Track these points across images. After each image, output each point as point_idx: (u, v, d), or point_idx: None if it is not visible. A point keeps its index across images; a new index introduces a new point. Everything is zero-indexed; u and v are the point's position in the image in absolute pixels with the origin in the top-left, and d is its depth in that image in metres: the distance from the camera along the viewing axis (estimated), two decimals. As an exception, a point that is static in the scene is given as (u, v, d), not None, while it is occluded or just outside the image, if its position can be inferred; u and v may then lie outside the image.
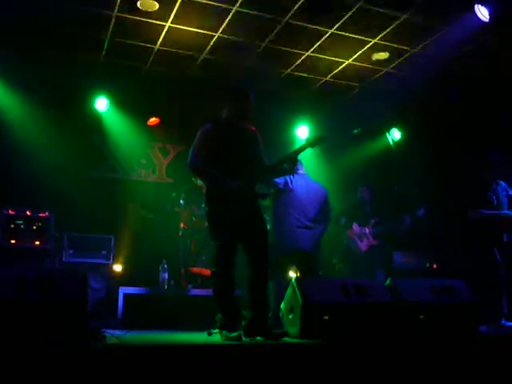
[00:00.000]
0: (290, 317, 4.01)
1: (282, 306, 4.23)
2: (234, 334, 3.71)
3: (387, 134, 8.02)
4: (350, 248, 6.46)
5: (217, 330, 4.01)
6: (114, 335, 3.74)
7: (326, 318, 3.80)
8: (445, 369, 3.46)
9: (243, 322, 3.99)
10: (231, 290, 4.03)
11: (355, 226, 6.56)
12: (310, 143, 4.16)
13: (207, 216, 4.17)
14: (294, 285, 4.02)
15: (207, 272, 6.00)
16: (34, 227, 5.86)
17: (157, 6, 5.63)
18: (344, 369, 3.14)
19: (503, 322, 4.94)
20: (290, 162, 4.23)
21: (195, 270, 6.44)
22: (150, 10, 5.69)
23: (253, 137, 4.31)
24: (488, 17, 5.38)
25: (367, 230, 6.50)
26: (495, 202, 5.32)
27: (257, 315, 3.97)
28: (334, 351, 3.32)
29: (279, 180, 5.33)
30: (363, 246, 6.47)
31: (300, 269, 5.45)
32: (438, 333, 3.95)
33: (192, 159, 4.09)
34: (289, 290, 4.14)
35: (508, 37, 5.98)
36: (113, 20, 5.85)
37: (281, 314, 4.25)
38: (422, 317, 3.98)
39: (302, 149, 4.19)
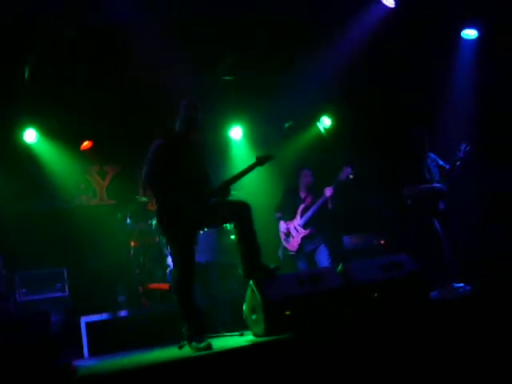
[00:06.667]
0: (254, 317, 4.14)
1: (244, 307, 4.35)
2: (203, 344, 3.83)
3: (318, 123, 8.27)
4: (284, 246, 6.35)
5: (186, 343, 4.10)
6: (84, 366, 3.76)
7: (288, 312, 3.96)
8: (403, 338, 3.69)
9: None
10: (194, 300, 4.14)
11: (281, 224, 6.36)
12: (259, 162, 4.36)
13: (162, 229, 4.33)
14: (252, 285, 4.16)
15: (165, 286, 6.04)
16: (-17, 274, 5.69)
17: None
18: (313, 359, 3.30)
19: (453, 285, 5.23)
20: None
21: (153, 286, 6.45)
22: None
23: (201, 151, 4.47)
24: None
25: (294, 223, 6.24)
26: (427, 175, 5.61)
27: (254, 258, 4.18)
28: (301, 344, 3.48)
29: None
30: (292, 246, 6.22)
31: None
32: (394, 306, 4.18)
33: (146, 173, 4.22)
34: (248, 291, 4.26)
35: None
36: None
37: (244, 316, 4.37)
38: (376, 295, 4.20)
39: (251, 168, 4.37)
